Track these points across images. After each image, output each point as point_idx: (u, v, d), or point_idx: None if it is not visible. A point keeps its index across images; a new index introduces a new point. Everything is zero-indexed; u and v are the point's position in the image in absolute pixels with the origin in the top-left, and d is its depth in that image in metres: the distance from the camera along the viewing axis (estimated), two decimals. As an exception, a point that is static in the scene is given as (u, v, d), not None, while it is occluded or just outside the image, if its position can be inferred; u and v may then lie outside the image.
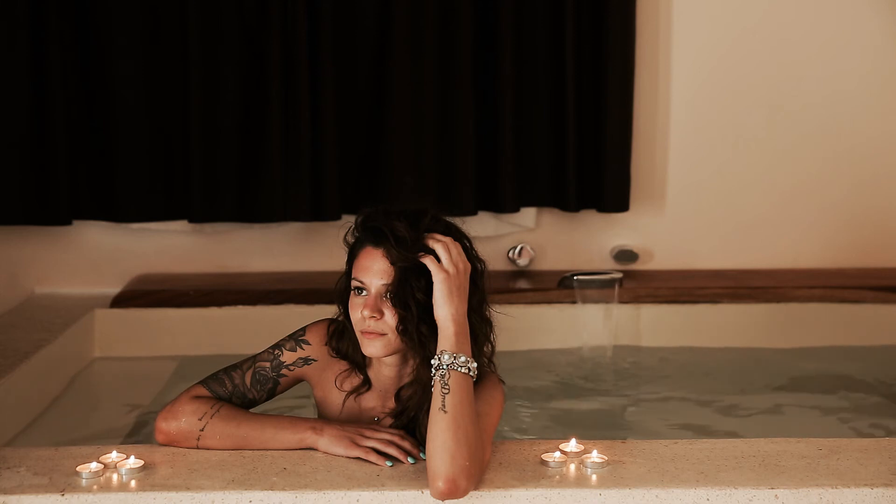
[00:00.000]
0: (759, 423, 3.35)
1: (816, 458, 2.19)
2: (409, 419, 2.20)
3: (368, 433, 2.17)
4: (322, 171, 3.99)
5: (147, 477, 2.08)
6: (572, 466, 2.14)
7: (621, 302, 3.96)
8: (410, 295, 2.10)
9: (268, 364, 2.26)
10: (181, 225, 4.09)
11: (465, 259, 2.13)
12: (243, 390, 2.24)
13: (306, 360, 2.27)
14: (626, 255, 4.24)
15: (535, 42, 4.09)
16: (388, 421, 2.24)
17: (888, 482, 2.08)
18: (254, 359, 2.27)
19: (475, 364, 2.08)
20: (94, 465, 2.10)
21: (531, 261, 4.24)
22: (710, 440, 2.29)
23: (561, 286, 4.00)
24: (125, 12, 3.92)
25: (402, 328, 2.11)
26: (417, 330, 2.11)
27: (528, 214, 4.23)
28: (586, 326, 3.93)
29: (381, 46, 4.02)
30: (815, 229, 4.30)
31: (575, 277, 3.98)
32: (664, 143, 4.26)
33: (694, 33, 4.21)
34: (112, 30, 3.92)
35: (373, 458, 2.13)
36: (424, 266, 2.09)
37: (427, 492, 2.03)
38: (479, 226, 4.05)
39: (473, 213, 4.08)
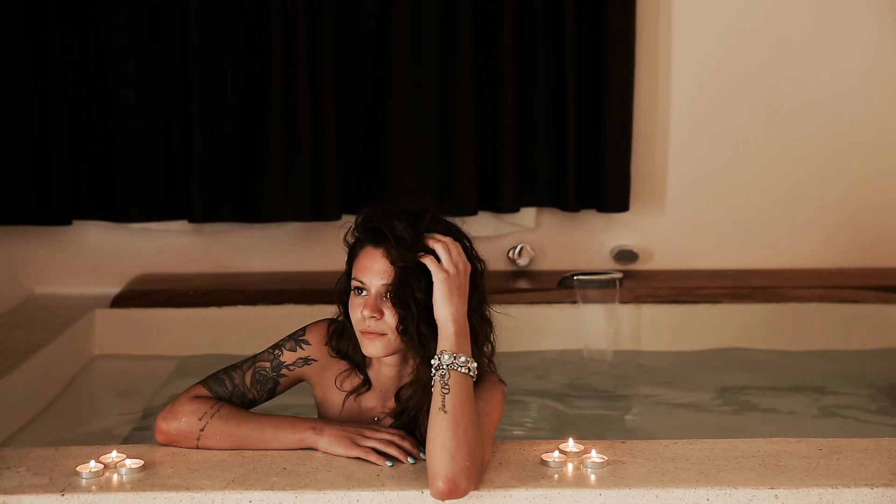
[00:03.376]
0: (759, 422, 3.35)
1: (816, 458, 2.19)
2: (409, 419, 2.20)
3: (368, 433, 2.17)
4: (322, 171, 3.99)
5: (147, 477, 2.08)
6: (571, 466, 2.14)
7: (621, 302, 3.96)
8: (410, 295, 2.10)
9: (268, 364, 2.26)
10: (181, 225, 4.09)
11: (465, 259, 2.13)
12: (243, 390, 2.24)
13: (306, 360, 2.27)
14: (626, 255, 4.24)
15: (535, 42, 4.09)
16: (388, 421, 2.24)
17: (888, 482, 2.08)
18: (254, 359, 2.27)
19: (475, 364, 2.08)
20: (93, 465, 2.10)
21: (531, 261, 4.24)
22: (710, 440, 2.29)
23: (561, 286, 4.00)
24: (125, 12, 3.92)
25: (402, 328, 2.11)
26: (417, 330, 2.11)
27: (528, 214, 4.23)
28: (586, 326, 3.93)
29: (381, 46, 4.02)
30: (815, 229, 4.29)
31: (575, 277, 3.97)
32: (664, 143, 4.26)
33: (694, 33, 4.21)
34: (112, 30, 3.92)
35: (373, 458, 2.13)
36: (424, 266, 2.09)
37: (427, 492, 2.03)
38: (479, 226, 4.05)
39: (473, 213, 4.08)
